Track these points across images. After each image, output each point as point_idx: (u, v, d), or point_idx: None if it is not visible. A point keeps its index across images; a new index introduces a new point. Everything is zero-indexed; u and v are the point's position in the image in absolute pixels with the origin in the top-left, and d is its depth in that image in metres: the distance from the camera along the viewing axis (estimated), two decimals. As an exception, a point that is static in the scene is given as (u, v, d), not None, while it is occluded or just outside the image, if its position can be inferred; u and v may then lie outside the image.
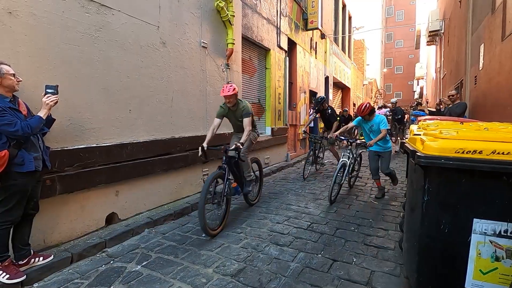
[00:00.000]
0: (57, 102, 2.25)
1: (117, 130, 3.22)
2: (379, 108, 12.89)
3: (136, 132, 3.45)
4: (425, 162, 1.53)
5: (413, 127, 3.00)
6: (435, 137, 1.71)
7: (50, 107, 2.21)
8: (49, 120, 2.32)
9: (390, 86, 40.78)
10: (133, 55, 3.39)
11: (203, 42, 4.54)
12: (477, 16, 6.19)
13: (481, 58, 5.60)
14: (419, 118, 5.45)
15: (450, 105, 6.37)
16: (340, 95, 16.44)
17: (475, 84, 6.17)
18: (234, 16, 5.11)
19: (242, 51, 5.79)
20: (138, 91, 3.47)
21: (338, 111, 12.26)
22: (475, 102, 6.19)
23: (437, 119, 4.10)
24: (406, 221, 2.14)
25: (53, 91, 2.24)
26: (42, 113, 2.17)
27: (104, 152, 3.04)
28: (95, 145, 2.97)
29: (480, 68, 5.68)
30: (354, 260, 2.57)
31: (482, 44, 5.59)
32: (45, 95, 2.21)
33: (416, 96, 31.31)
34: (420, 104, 11.81)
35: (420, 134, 2.01)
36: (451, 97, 6.23)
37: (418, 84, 31.49)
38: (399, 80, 40.01)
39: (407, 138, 2.49)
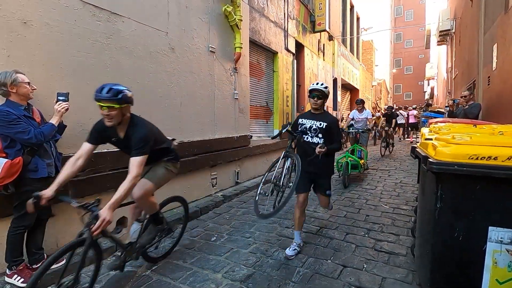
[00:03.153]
0: (68, 109, 2.31)
1: (127, 135, 3.26)
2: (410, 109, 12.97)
3: (145, 137, 3.49)
4: (437, 169, 1.50)
5: (424, 131, 2.94)
6: (447, 142, 1.67)
7: (62, 114, 2.27)
8: (61, 127, 2.38)
9: (400, 87, 40.19)
10: (143, 61, 3.44)
11: (211, 46, 4.57)
12: (490, 15, 6.05)
13: (494, 58, 5.46)
14: (430, 121, 5.35)
15: (466, 107, 6.21)
16: (349, 97, 16.30)
17: (488, 84, 6.02)
18: (241, 20, 5.14)
19: (249, 55, 5.81)
20: (147, 96, 3.51)
21: (347, 113, 12.14)
22: (488, 103, 6.03)
23: (449, 121, 4.01)
24: (418, 227, 2.10)
25: (64, 98, 2.30)
26: (54, 120, 2.22)
27: (115, 157, 3.09)
28: (105, 150, 3.02)
29: (494, 69, 5.54)
30: (365, 266, 2.52)
31: (495, 44, 5.45)
32: (56, 102, 2.27)
33: (426, 96, 30.77)
34: (430, 105, 11.58)
35: (431, 139, 1.97)
36: (464, 97, 6.08)
37: (428, 85, 30.94)
38: (408, 80, 39.39)
39: (418, 142, 2.43)
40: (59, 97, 2.30)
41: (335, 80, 12.11)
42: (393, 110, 10.92)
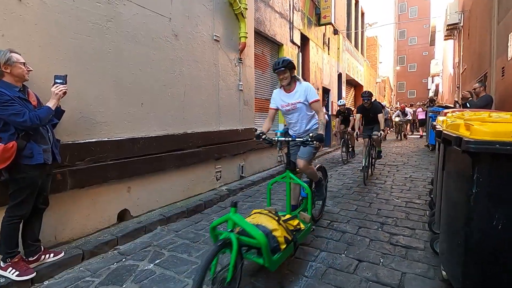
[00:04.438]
0: (66, 92, 2.16)
1: (129, 124, 3.12)
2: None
3: (148, 127, 3.35)
4: (475, 148, 1.33)
5: (442, 118, 2.77)
6: (482, 122, 1.50)
7: (59, 97, 2.12)
8: (59, 111, 2.24)
9: (404, 84, 39.82)
10: (145, 47, 3.29)
11: (215, 35, 4.42)
12: (504, 3, 5.84)
13: (510, 47, 5.26)
14: (445, 111, 5.15)
15: (470, 99, 6.00)
16: (353, 93, 16.08)
17: (503, 75, 5.81)
18: (246, 9, 4.97)
19: (254, 46, 5.65)
20: (150, 84, 3.37)
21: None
22: (503, 94, 5.82)
23: (466, 111, 3.82)
24: (444, 219, 1.93)
25: (62, 81, 2.15)
26: (51, 104, 2.07)
27: (116, 147, 2.95)
28: (106, 139, 2.88)
29: (509, 58, 5.34)
30: (382, 260, 2.37)
31: (511, 33, 5.25)
32: (54, 85, 2.12)
33: (430, 94, 30.42)
34: (434, 100, 11.33)
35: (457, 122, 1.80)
36: (474, 90, 5.87)
37: (432, 82, 30.56)
38: (412, 78, 39.02)
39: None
40: (56, 80, 2.15)
41: (339, 75, 11.92)
42: (348, 109, 7.70)
